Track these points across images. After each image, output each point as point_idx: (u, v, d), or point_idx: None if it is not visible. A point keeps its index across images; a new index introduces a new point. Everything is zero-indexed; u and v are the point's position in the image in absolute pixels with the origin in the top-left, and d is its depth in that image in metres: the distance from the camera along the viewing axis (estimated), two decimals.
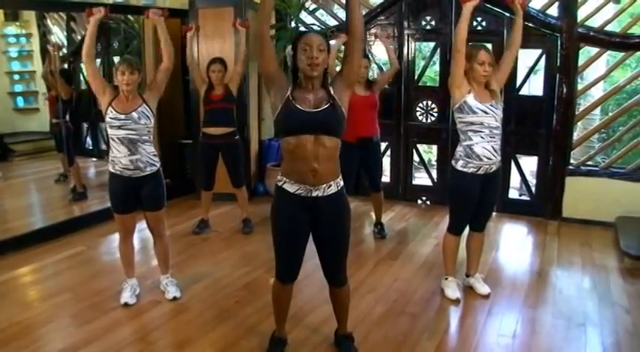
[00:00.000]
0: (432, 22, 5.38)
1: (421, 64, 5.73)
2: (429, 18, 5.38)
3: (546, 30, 4.84)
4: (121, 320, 3.15)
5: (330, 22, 5.93)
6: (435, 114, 5.48)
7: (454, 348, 2.94)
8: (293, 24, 5.63)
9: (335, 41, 4.32)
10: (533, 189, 5.27)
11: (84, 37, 5.87)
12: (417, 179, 5.96)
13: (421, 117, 5.56)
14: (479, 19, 5.08)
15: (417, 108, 5.55)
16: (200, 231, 4.69)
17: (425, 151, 6.23)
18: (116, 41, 6.14)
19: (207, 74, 4.48)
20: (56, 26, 6.09)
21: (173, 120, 5.87)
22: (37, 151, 6.09)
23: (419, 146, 5.75)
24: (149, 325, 3.10)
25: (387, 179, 5.67)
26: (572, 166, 5.01)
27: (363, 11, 5.52)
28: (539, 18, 4.82)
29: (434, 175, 5.68)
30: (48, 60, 5.62)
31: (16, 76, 6.11)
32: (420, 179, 5.99)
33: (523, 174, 5.32)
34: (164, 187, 3.34)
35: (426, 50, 6.06)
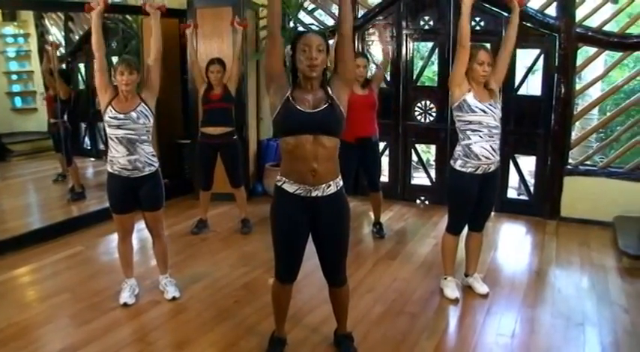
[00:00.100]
0: (431, 22, 5.38)
1: (419, 64, 5.73)
2: (427, 18, 5.38)
3: (544, 30, 4.84)
4: (120, 320, 3.14)
5: (329, 22, 5.93)
6: (434, 114, 5.49)
7: (453, 348, 2.94)
8: (292, 24, 5.63)
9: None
10: (531, 188, 5.28)
11: (81, 37, 5.96)
12: (416, 179, 5.96)
13: (420, 117, 5.57)
14: (477, 19, 5.07)
15: (416, 108, 5.55)
16: (199, 231, 4.69)
17: (423, 151, 6.23)
18: (114, 41, 6.14)
19: (206, 74, 4.48)
20: (54, 26, 6.09)
21: (171, 120, 5.86)
22: (35, 151, 6.09)
23: (417, 146, 5.75)
24: (148, 325, 3.10)
25: (386, 179, 5.67)
26: (570, 166, 5.02)
27: (361, 11, 5.60)
28: (537, 18, 4.82)
29: (432, 175, 5.69)
30: (46, 58, 5.62)
31: (14, 76, 6.11)
32: (419, 179, 6.00)
33: (521, 173, 5.33)
34: (163, 187, 3.34)
35: (425, 50, 6.06)
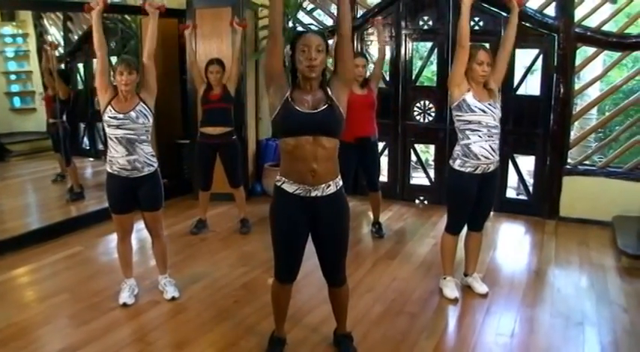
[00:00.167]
0: (430, 22, 5.38)
1: (418, 63, 5.73)
2: (426, 18, 5.39)
3: (543, 30, 4.85)
4: (120, 320, 3.14)
5: (328, 22, 5.93)
6: (433, 114, 5.49)
7: (453, 347, 2.95)
8: (291, 24, 5.63)
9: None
10: (530, 188, 5.29)
11: (80, 37, 5.95)
12: (415, 179, 5.97)
13: (419, 117, 5.57)
14: (476, 19, 5.08)
15: (415, 108, 5.56)
16: (198, 231, 4.68)
17: (422, 151, 6.23)
18: (113, 41, 6.13)
19: (206, 75, 4.48)
20: (53, 26, 6.08)
21: (170, 120, 5.86)
22: (34, 151, 6.09)
23: (416, 146, 5.75)
24: (148, 325, 3.10)
25: (385, 179, 5.67)
26: (569, 166, 5.03)
27: (360, 11, 5.60)
28: (536, 18, 4.82)
29: (431, 175, 5.69)
30: (45, 58, 5.61)
31: (13, 76, 6.11)
32: (418, 179, 6.00)
33: (520, 173, 5.33)
34: (162, 187, 3.34)
35: (424, 50, 6.06)
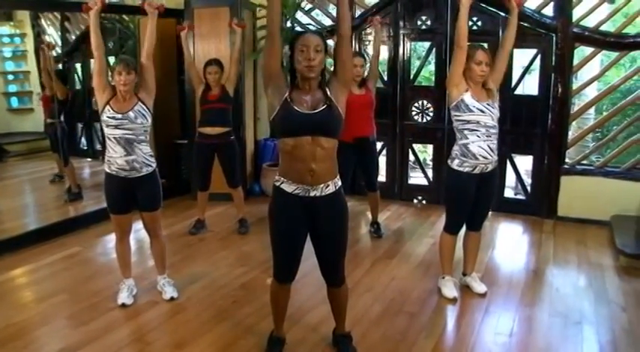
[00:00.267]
0: (428, 22, 5.38)
1: (416, 63, 5.74)
2: (424, 18, 5.39)
3: (541, 29, 4.86)
4: (119, 320, 3.14)
5: (326, 22, 5.94)
6: (431, 113, 5.50)
7: (451, 347, 2.95)
8: (289, 24, 5.63)
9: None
10: (528, 188, 5.30)
11: (78, 37, 5.94)
12: (413, 178, 5.97)
13: (417, 117, 5.57)
14: (475, 18, 5.09)
15: (413, 108, 5.56)
16: (196, 232, 4.68)
17: (420, 151, 6.24)
18: (111, 41, 6.12)
19: (204, 75, 4.48)
20: (51, 26, 6.07)
21: (168, 120, 5.86)
22: (32, 152, 6.08)
23: (414, 145, 5.75)
24: (147, 326, 3.10)
25: (383, 178, 5.67)
26: (567, 165, 5.03)
27: (358, 11, 5.60)
28: (534, 18, 4.83)
29: (429, 175, 5.70)
30: (43, 58, 5.60)
31: (10, 76, 6.09)
32: (416, 178, 6.01)
33: (518, 173, 5.34)
34: (160, 187, 3.33)
35: (422, 50, 6.07)
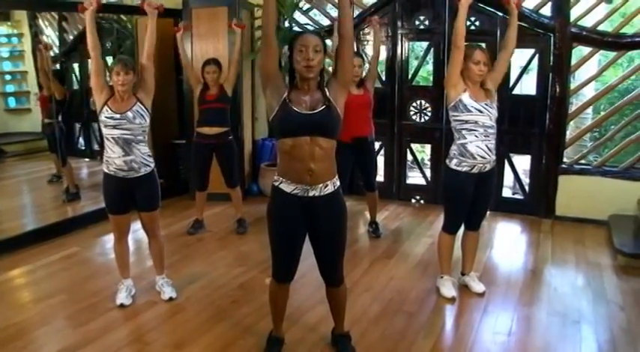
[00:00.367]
0: (426, 22, 5.39)
1: (415, 63, 5.74)
2: (422, 17, 5.40)
3: (539, 29, 4.87)
4: (117, 321, 3.14)
5: (324, 22, 5.93)
6: (429, 113, 5.50)
7: (450, 346, 2.95)
8: (287, 24, 5.63)
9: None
10: (526, 187, 5.31)
11: (75, 37, 5.93)
12: (411, 178, 5.98)
13: (415, 117, 5.58)
14: (472, 18, 5.09)
15: (411, 108, 5.56)
16: (195, 232, 4.68)
17: (418, 151, 6.24)
18: (109, 41, 6.12)
19: (202, 75, 4.47)
20: (48, 26, 6.06)
21: (166, 120, 5.84)
22: (30, 152, 6.06)
23: (412, 145, 5.76)
24: (145, 326, 3.10)
25: (381, 178, 5.68)
26: (565, 165, 5.04)
27: (356, 11, 5.60)
28: (532, 17, 4.84)
29: (427, 175, 5.70)
30: (40, 58, 5.59)
31: (8, 77, 6.08)
32: (414, 178, 6.01)
33: (516, 172, 5.35)
34: (158, 188, 3.33)
35: (420, 50, 6.08)
